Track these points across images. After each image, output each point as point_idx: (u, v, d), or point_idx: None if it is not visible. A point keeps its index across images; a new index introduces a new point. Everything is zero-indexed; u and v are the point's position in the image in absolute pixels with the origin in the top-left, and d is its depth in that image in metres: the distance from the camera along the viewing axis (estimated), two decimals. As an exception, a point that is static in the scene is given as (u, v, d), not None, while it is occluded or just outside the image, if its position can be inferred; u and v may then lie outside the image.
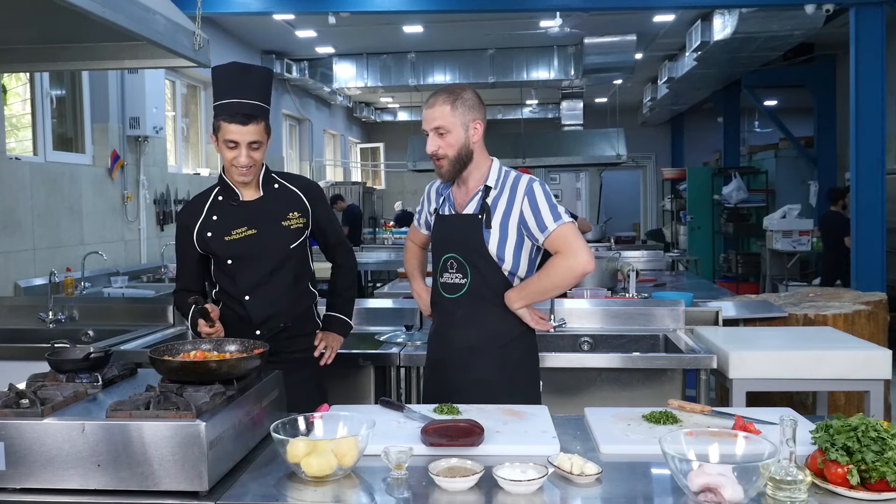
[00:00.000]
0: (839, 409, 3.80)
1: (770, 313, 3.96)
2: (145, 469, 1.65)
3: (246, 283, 2.47)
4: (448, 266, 2.49)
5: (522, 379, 2.51)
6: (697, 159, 15.23)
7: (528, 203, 2.41)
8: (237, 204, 2.48)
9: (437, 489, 1.67)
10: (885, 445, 1.59)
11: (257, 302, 2.47)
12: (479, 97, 2.48)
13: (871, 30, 6.43)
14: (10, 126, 5.06)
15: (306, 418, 1.89)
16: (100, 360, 2.06)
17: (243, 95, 2.36)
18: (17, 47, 3.49)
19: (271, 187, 2.52)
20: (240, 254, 2.46)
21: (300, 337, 2.55)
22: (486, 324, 2.46)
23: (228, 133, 2.36)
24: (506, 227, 2.42)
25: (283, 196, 2.52)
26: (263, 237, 2.46)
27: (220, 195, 2.52)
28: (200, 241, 2.49)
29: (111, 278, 5.47)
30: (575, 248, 2.36)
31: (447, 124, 2.40)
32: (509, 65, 9.75)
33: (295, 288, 2.53)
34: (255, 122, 2.37)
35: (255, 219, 2.47)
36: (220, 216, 2.48)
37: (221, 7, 6.67)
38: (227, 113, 2.36)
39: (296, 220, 2.50)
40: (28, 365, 2.36)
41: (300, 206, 2.53)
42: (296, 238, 2.50)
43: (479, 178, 2.48)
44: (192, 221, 2.50)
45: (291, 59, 9.79)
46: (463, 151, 2.43)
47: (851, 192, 6.74)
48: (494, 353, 2.46)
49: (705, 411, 2.14)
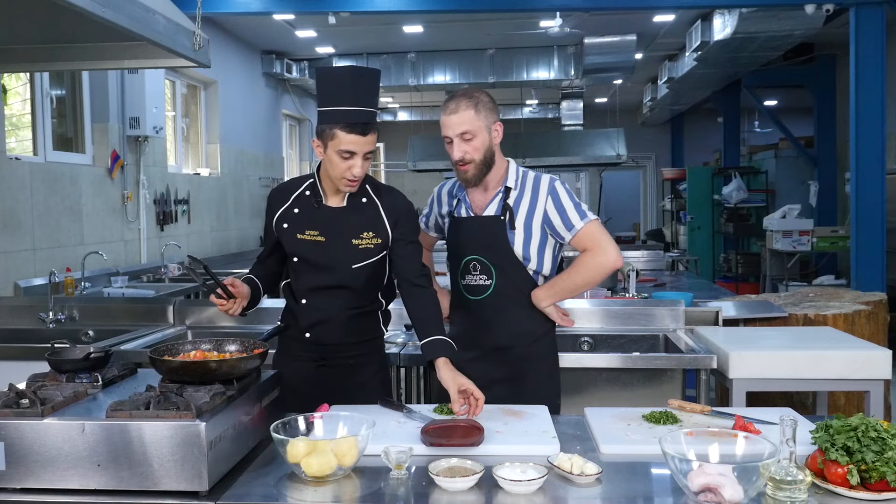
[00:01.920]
0: (839, 409, 3.80)
1: (770, 313, 3.96)
2: (145, 469, 1.65)
3: (305, 284, 2.41)
4: (471, 268, 2.50)
5: (547, 375, 2.55)
6: (697, 159, 15.22)
7: (552, 202, 2.44)
8: (318, 206, 2.39)
9: (437, 489, 1.67)
10: (885, 445, 1.59)
11: (311, 307, 2.41)
12: (493, 99, 2.50)
13: (871, 30, 6.42)
14: (10, 126, 5.06)
15: (306, 418, 1.89)
16: (100, 360, 2.06)
17: (362, 103, 2.24)
18: (17, 47, 3.49)
19: (358, 200, 2.38)
20: (304, 255, 2.38)
21: (355, 344, 2.45)
22: (514, 323, 2.48)
23: (346, 143, 2.22)
24: (529, 227, 2.45)
25: (366, 212, 2.38)
26: (329, 248, 2.36)
27: (307, 190, 2.42)
28: (277, 228, 2.42)
29: (111, 278, 5.48)
30: (603, 244, 2.41)
31: (473, 129, 2.41)
32: (509, 65, 9.74)
33: (354, 302, 2.41)
34: (372, 130, 2.26)
35: (328, 227, 2.36)
36: (300, 211, 2.40)
37: (221, 7, 6.66)
38: (345, 121, 2.21)
39: (367, 240, 2.36)
40: (28, 365, 2.36)
41: (379, 228, 2.37)
42: (363, 258, 2.36)
43: (497, 179, 2.49)
44: (277, 205, 2.43)
45: (291, 59, 9.78)
46: (488, 155, 2.44)
47: (851, 191, 6.73)
48: (521, 351, 2.50)
49: (705, 411, 2.14)
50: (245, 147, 8.70)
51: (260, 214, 9.14)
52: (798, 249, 9.22)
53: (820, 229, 9.23)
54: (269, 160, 9.49)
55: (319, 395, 2.31)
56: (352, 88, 2.23)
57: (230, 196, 8.23)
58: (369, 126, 2.24)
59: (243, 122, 8.64)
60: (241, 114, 8.56)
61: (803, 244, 9.14)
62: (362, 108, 2.23)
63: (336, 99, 2.23)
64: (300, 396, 2.34)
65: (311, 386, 2.41)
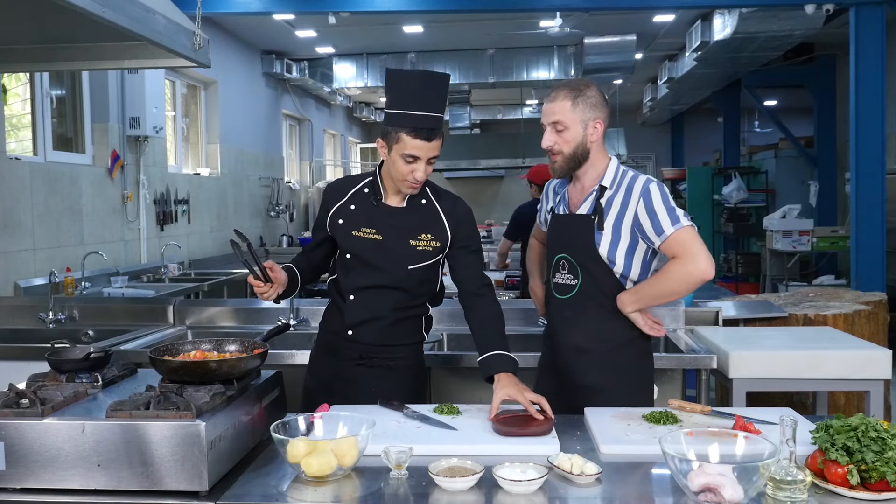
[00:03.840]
0: (839, 409, 3.80)
1: (770, 313, 3.96)
2: (145, 469, 1.65)
3: (355, 282, 2.40)
4: (560, 266, 2.44)
5: (631, 386, 2.41)
6: (697, 159, 15.23)
7: (643, 205, 2.30)
8: (377, 204, 2.39)
9: (437, 489, 1.67)
10: (885, 445, 1.59)
11: (358, 304, 2.40)
12: (602, 96, 2.38)
13: (871, 30, 6.43)
14: (10, 126, 5.06)
15: (306, 418, 1.89)
16: (100, 360, 2.06)
17: (430, 108, 2.24)
18: (17, 47, 3.49)
19: (417, 201, 2.39)
20: (359, 252, 2.37)
21: (397, 346, 2.44)
22: (594, 327, 2.39)
23: (411, 148, 2.23)
24: (619, 229, 2.33)
25: (425, 213, 2.39)
26: (385, 247, 2.35)
27: (366, 188, 2.42)
28: (332, 224, 2.41)
29: (111, 278, 5.48)
30: (694, 252, 2.24)
31: (566, 120, 2.33)
32: (509, 65, 9.75)
33: (403, 303, 2.40)
34: (438, 136, 2.26)
35: (386, 226, 2.36)
36: (357, 208, 2.40)
37: (221, 7, 6.67)
38: (411, 126, 2.22)
39: (426, 242, 2.36)
40: (28, 365, 2.36)
41: (438, 229, 2.37)
42: (419, 260, 2.36)
43: (594, 177, 2.40)
44: (333, 201, 2.43)
45: (291, 59, 9.78)
46: (579, 150, 2.36)
47: (851, 191, 6.73)
48: (600, 357, 2.38)
49: (705, 411, 2.14)
50: (245, 147, 8.70)
51: (259, 214, 9.14)
52: (798, 249, 9.22)
53: (820, 229, 9.23)
54: (269, 160, 9.49)
55: (354, 394, 2.35)
56: (420, 93, 2.23)
57: (230, 196, 8.23)
58: (435, 132, 2.24)
59: (243, 122, 8.64)
60: (241, 114, 8.56)
61: (803, 244, 9.14)
62: (429, 113, 2.23)
63: (404, 102, 2.23)
64: (335, 394, 2.36)
65: (346, 384, 2.42)
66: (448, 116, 12.10)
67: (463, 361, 3.08)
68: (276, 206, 9.49)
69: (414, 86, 2.25)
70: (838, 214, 10.16)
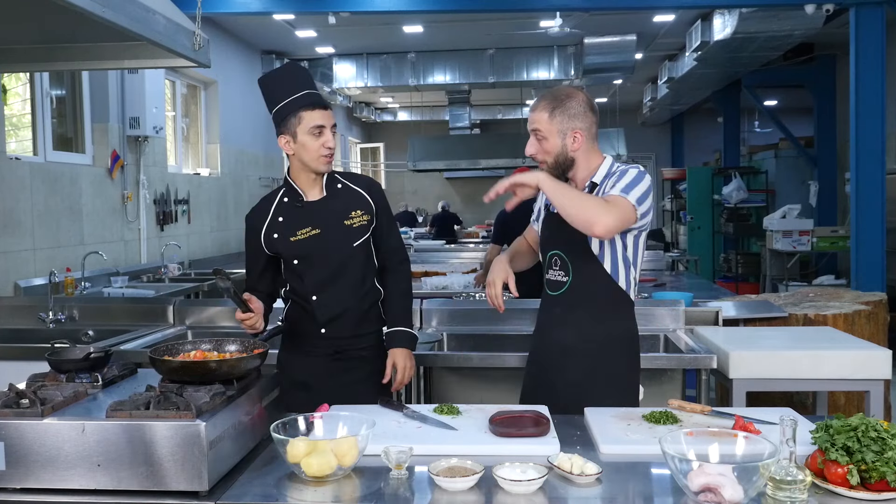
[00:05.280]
0: (839, 409, 3.80)
1: (770, 313, 3.96)
2: (145, 469, 1.65)
3: (312, 282, 2.50)
4: (552, 263, 2.48)
5: (616, 385, 2.42)
6: (697, 159, 15.23)
7: (617, 176, 2.32)
8: (301, 205, 2.51)
9: (437, 489, 1.67)
10: (885, 445, 1.59)
11: (323, 301, 2.49)
12: (588, 104, 2.38)
13: (871, 30, 6.43)
14: (10, 126, 5.06)
15: (306, 418, 1.89)
16: (100, 360, 2.06)
17: (306, 87, 2.44)
18: (17, 47, 3.48)
19: (334, 187, 2.54)
20: (305, 254, 2.49)
21: (365, 335, 2.55)
22: (582, 325, 2.41)
23: (315, 119, 2.40)
24: None
25: (346, 195, 2.54)
26: (327, 236, 2.48)
27: (285, 197, 2.54)
28: (268, 243, 2.52)
29: (111, 278, 5.48)
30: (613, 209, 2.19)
31: (544, 130, 2.35)
32: (509, 65, 9.75)
33: (361, 286, 2.53)
34: (329, 107, 2.47)
35: (318, 218, 2.49)
36: (285, 217, 2.51)
37: (221, 7, 6.67)
38: (306, 103, 2.41)
39: (359, 218, 2.51)
40: (28, 365, 2.36)
41: (363, 204, 2.54)
42: (359, 236, 2.51)
43: (586, 175, 2.42)
44: (259, 223, 2.54)
45: (291, 59, 9.78)
46: (560, 159, 2.37)
47: (851, 191, 6.74)
48: (587, 354, 2.40)
49: (705, 411, 2.14)
50: (245, 147, 8.70)
51: (260, 214, 9.14)
52: (798, 249, 9.22)
53: (820, 229, 9.23)
54: (269, 160, 9.49)
55: (333, 388, 2.44)
56: (293, 79, 2.45)
57: (230, 196, 8.23)
58: (325, 103, 2.46)
59: (243, 122, 8.64)
60: (241, 114, 8.56)
61: (803, 244, 9.14)
62: (309, 90, 2.44)
63: (286, 92, 2.43)
64: (313, 391, 2.43)
65: (324, 380, 2.49)
66: (448, 116, 12.10)
67: (463, 361, 3.08)
68: (276, 206, 9.49)
69: (286, 76, 2.48)
70: (838, 214, 10.16)
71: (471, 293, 4.81)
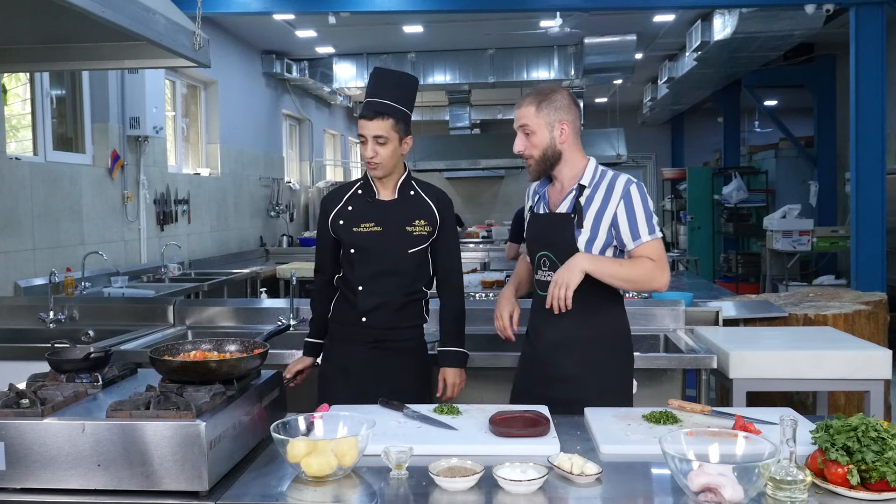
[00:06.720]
0: (839, 409, 3.80)
1: (770, 313, 3.96)
2: (145, 469, 1.65)
3: (363, 274, 2.63)
4: (542, 264, 2.52)
5: (609, 381, 2.47)
6: (697, 159, 15.22)
7: (623, 207, 2.40)
8: (371, 200, 2.67)
9: (437, 489, 1.67)
10: (885, 445, 1.59)
11: (368, 293, 2.63)
12: (571, 99, 2.48)
13: (871, 30, 6.42)
14: (10, 126, 5.06)
15: (306, 418, 1.89)
16: (100, 360, 2.06)
17: (372, 95, 2.60)
18: (17, 47, 3.48)
19: (407, 192, 2.69)
20: (362, 245, 2.63)
21: (405, 328, 2.68)
22: (573, 321, 2.44)
23: (359, 128, 2.60)
24: (597, 228, 2.42)
25: (415, 202, 2.68)
26: (387, 236, 2.63)
27: (360, 189, 2.71)
28: (334, 226, 2.68)
29: (111, 278, 5.47)
30: (665, 264, 2.41)
31: (532, 124, 2.43)
32: (509, 65, 9.74)
33: (408, 287, 2.66)
34: (381, 118, 2.56)
35: (383, 218, 2.64)
36: (354, 208, 2.67)
37: (221, 7, 6.66)
38: (363, 111, 2.59)
39: (421, 227, 2.65)
40: (28, 365, 2.37)
41: (428, 215, 2.68)
42: (417, 244, 2.65)
43: (572, 177, 2.49)
44: (331, 207, 2.70)
45: (291, 59, 9.77)
46: (549, 152, 2.45)
47: (851, 191, 6.73)
48: (578, 351, 2.45)
49: (705, 411, 2.14)
50: (245, 147, 8.70)
51: (260, 214, 9.14)
52: (798, 249, 9.22)
53: (820, 229, 9.23)
54: (269, 160, 9.49)
55: (372, 375, 2.60)
56: (376, 83, 2.63)
57: (230, 196, 8.23)
58: (376, 114, 2.56)
59: (243, 122, 8.64)
60: (241, 114, 8.56)
61: (803, 244, 9.14)
62: (373, 98, 2.59)
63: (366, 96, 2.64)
64: (352, 378, 2.62)
65: (364, 366, 2.64)
66: (448, 116, 12.09)
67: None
68: (277, 206, 9.49)
69: (371, 79, 2.66)
70: (838, 214, 10.16)
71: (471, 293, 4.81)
